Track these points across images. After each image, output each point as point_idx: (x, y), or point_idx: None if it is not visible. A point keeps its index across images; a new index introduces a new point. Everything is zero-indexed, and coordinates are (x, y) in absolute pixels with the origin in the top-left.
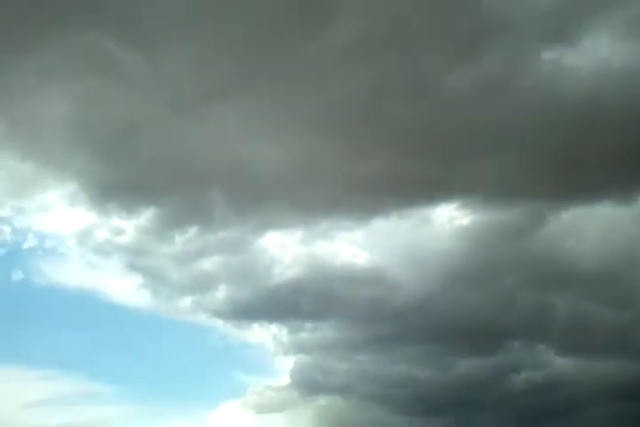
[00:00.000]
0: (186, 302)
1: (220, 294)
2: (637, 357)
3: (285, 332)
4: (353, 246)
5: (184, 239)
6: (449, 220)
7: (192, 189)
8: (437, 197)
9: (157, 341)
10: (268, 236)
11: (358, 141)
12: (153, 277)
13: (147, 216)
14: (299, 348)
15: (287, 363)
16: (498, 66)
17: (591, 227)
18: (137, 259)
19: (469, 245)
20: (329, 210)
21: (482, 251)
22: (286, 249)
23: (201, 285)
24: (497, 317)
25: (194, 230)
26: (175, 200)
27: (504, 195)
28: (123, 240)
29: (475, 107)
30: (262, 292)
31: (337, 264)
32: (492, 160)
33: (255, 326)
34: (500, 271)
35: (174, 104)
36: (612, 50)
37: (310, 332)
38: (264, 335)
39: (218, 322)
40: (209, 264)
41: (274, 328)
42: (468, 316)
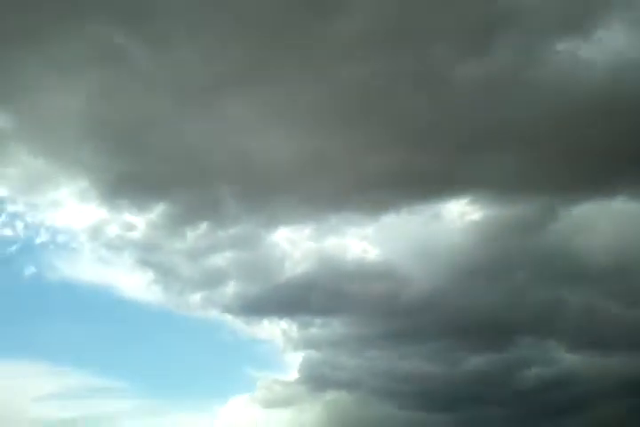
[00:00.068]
0: (196, 298)
1: (231, 290)
2: None
3: (295, 327)
4: (363, 242)
5: (195, 235)
6: (460, 215)
7: (203, 185)
8: (448, 193)
9: (168, 336)
10: (279, 231)
11: (369, 137)
12: (164, 272)
13: (158, 212)
14: (308, 343)
15: (296, 358)
16: (511, 58)
17: (602, 222)
18: (148, 254)
19: (480, 240)
20: (339, 205)
21: (493, 246)
22: (296, 245)
23: (211, 280)
24: (507, 312)
25: (204, 226)
26: (186, 196)
27: (515, 190)
28: (134, 236)
29: (487, 100)
30: (272, 287)
31: (347, 260)
32: (504, 155)
33: (265, 322)
34: (511, 267)
35: (185, 100)
36: (628, 41)
37: (320, 327)
38: (274, 331)
39: (228, 317)
40: (220, 260)
41: (283, 324)
42: (479, 311)
